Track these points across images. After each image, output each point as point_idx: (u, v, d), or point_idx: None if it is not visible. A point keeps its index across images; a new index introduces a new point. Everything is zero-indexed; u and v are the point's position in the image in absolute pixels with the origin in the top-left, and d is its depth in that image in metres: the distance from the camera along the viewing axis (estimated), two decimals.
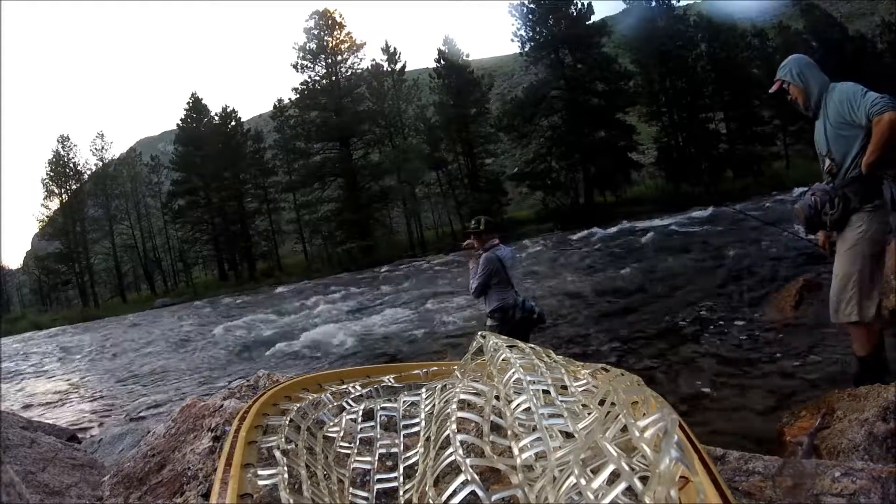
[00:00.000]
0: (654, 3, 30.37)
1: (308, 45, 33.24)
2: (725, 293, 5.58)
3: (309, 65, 33.31)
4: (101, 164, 38.68)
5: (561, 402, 0.76)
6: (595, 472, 0.52)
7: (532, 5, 29.61)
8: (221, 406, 1.52)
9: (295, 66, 33.26)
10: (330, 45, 33.38)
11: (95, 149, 38.84)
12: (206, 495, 1.17)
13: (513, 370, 0.84)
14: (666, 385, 3.19)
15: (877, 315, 2.26)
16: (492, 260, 3.49)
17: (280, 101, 35.65)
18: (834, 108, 2.22)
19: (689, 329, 4.45)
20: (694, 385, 3.16)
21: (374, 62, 33.86)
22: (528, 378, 0.81)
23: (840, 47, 27.13)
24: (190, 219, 36.34)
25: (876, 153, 2.08)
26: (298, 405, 0.94)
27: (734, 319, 4.41)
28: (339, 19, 33.95)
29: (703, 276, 6.97)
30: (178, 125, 37.54)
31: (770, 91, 2.48)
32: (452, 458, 0.62)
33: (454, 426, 0.70)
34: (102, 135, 54.41)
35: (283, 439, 0.78)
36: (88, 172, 38.47)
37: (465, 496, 0.56)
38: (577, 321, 5.69)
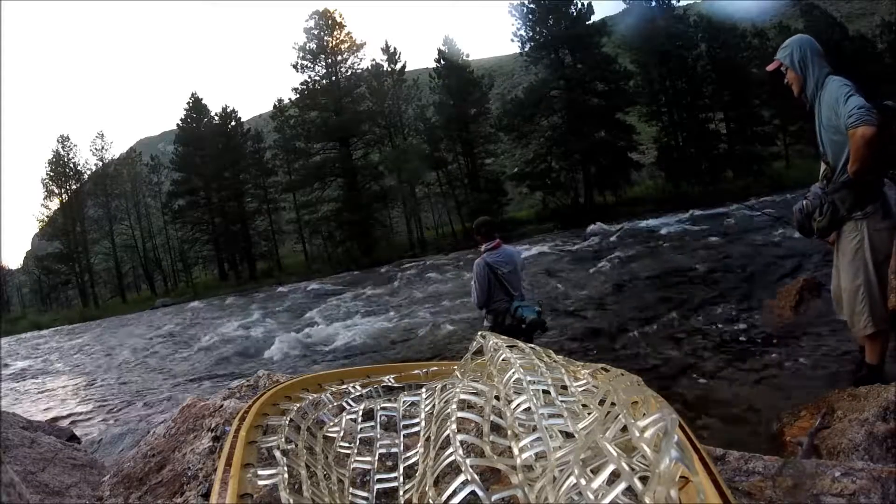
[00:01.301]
0: (654, 3, 30.38)
1: (308, 45, 33.25)
2: (725, 293, 5.57)
3: (309, 65, 33.33)
4: (101, 164, 38.74)
5: (561, 402, 0.76)
6: (595, 472, 0.52)
7: (532, 5, 29.61)
8: (221, 406, 1.51)
9: (295, 66, 33.29)
10: (330, 45, 33.37)
11: (95, 149, 38.92)
12: (206, 495, 1.17)
13: (513, 370, 0.84)
14: (665, 384, 3.19)
15: (889, 321, 2.22)
16: (479, 266, 3.43)
17: (280, 101, 35.65)
18: (826, 109, 2.14)
19: (689, 328, 4.45)
20: (693, 384, 3.16)
21: (374, 62, 33.90)
22: (528, 378, 0.81)
23: (840, 47, 27.10)
24: (190, 219, 36.33)
25: (857, 164, 2.01)
26: (298, 405, 0.94)
27: (734, 319, 4.41)
28: (339, 19, 34.00)
29: (703, 275, 6.96)
30: (178, 125, 37.53)
31: (767, 69, 2.38)
32: (452, 458, 0.62)
33: (454, 426, 0.70)
34: (102, 135, 54.61)
35: (283, 439, 0.78)
36: (88, 172, 38.54)
37: (465, 496, 0.56)
38: (576, 321, 5.69)
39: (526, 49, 30.49)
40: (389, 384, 1.14)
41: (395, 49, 33.49)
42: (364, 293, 12.55)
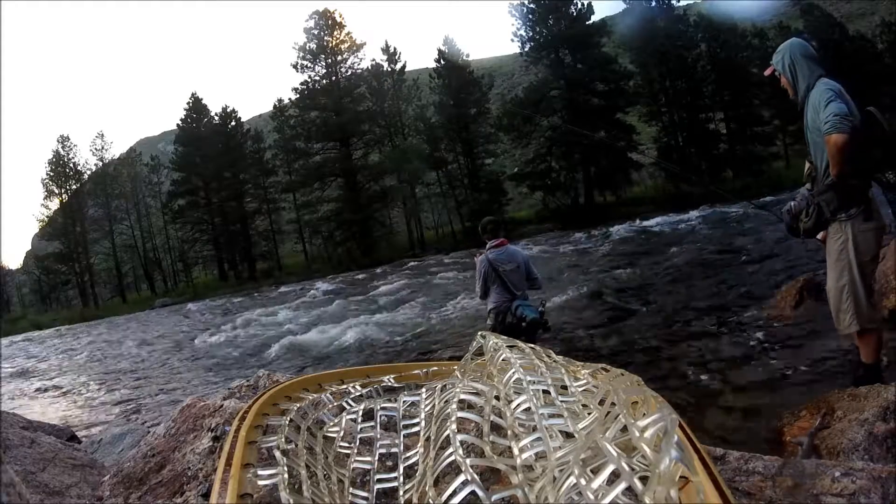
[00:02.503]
0: (654, 3, 30.38)
1: (308, 45, 33.26)
2: (725, 292, 5.57)
3: (309, 65, 33.34)
4: (101, 164, 38.69)
5: (561, 402, 0.76)
6: (595, 472, 0.52)
7: (532, 5, 29.60)
8: (221, 406, 1.51)
9: (295, 66, 33.29)
10: (330, 45, 33.38)
11: (95, 149, 38.86)
12: (206, 495, 1.17)
13: (513, 370, 0.84)
14: (665, 384, 3.19)
15: (879, 319, 2.24)
16: (482, 262, 3.51)
17: (280, 101, 35.65)
18: (811, 111, 2.19)
19: (689, 329, 4.45)
20: (693, 384, 3.16)
21: (374, 62, 33.92)
22: (528, 378, 0.81)
23: (840, 47, 27.11)
24: (190, 219, 36.33)
25: (834, 169, 2.07)
26: (298, 405, 0.94)
27: (734, 318, 4.41)
28: (339, 19, 34.01)
29: (703, 275, 6.96)
30: (178, 125, 37.53)
31: (765, 74, 2.44)
32: (452, 458, 0.62)
33: (454, 426, 0.70)
34: (102, 135, 54.44)
35: (283, 439, 0.78)
36: (88, 172, 38.49)
37: (465, 496, 0.56)
38: (577, 321, 5.69)
39: (526, 49, 30.47)
40: (389, 384, 1.14)
41: (395, 49, 33.55)
42: (364, 293, 12.55)
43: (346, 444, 0.91)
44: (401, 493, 0.78)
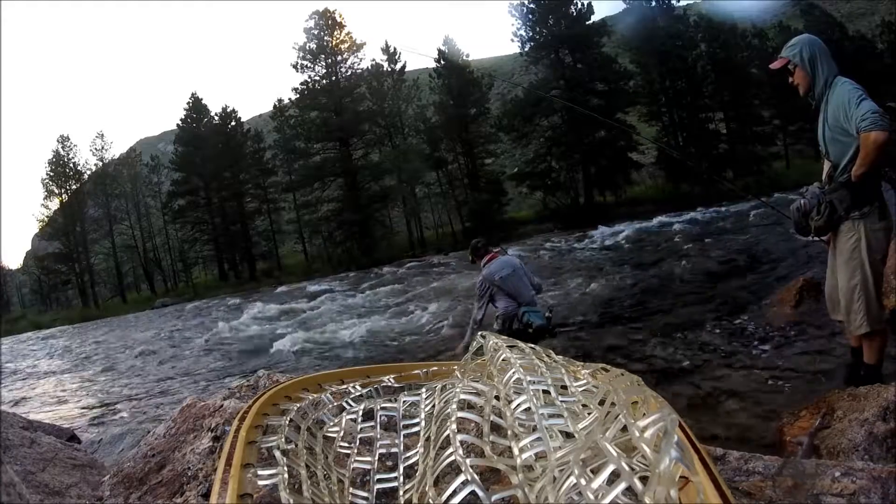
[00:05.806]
0: (654, 3, 30.40)
1: (308, 45, 33.21)
2: (725, 292, 5.57)
3: (309, 65, 33.29)
4: (101, 164, 38.63)
5: (561, 402, 0.76)
6: (595, 472, 0.52)
7: (532, 5, 29.61)
8: (221, 406, 1.52)
9: (295, 66, 33.24)
10: (330, 45, 33.35)
11: (95, 149, 38.79)
12: (206, 495, 1.17)
13: (513, 370, 0.84)
14: (665, 384, 3.19)
15: (886, 320, 2.23)
16: (480, 282, 3.56)
17: (280, 101, 35.58)
18: (832, 109, 2.13)
19: (688, 328, 4.45)
20: (693, 384, 3.16)
21: (374, 62, 33.87)
22: (529, 378, 0.81)
23: (840, 47, 27.08)
24: (190, 219, 36.33)
25: (863, 168, 2.02)
26: (298, 405, 0.94)
27: (734, 318, 4.40)
28: (339, 19, 33.95)
29: (702, 275, 6.96)
30: (178, 125, 37.51)
31: (771, 67, 2.32)
32: (452, 458, 0.62)
33: (454, 426, 0.70)
34: (102, 135, 54.13)
35: (283, 439, 0.78)
36: (88, 172, 38.44)
37: (465, 496, 0.56)
38: (576, 321, 5.69)
39: (526, 49, 30.49)
40: (389, 384, 1.14)
41: (395, 49, 33.48)
42: (364, 293, 12.54)
43: (346, 444, 0.91)
44: (401, 493, 0.78)
